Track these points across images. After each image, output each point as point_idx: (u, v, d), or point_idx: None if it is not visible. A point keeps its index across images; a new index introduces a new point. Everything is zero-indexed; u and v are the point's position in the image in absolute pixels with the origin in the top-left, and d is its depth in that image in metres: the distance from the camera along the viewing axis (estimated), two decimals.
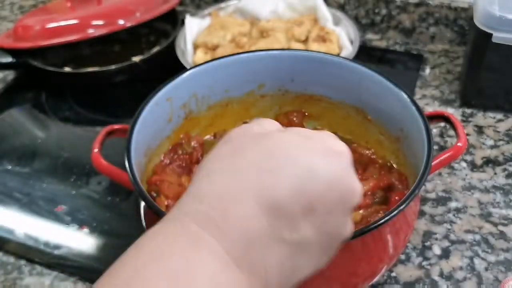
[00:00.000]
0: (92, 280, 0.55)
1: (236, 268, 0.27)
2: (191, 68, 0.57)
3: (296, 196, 0.28)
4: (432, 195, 0.63)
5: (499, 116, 0.74)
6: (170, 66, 0.73)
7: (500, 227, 0.59)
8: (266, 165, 0.29)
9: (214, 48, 0.80)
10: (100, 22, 0.81)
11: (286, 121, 0.63)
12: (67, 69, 0.81)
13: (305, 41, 0.80)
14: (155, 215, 0.43)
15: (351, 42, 0.79)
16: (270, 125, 0.33)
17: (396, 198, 0.52)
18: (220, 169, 0.29)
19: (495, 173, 0.65)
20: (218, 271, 0.26)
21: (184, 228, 0.27)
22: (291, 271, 0.29)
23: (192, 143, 0.59)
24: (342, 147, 0.31)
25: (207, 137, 0.62)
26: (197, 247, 0.26)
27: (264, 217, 0.27)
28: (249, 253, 0.27)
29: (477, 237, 0.58)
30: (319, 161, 0.29)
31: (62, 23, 0.81)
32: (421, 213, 0.60)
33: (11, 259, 0.58)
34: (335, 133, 0.61)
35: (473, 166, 0.66)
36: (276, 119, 0.62)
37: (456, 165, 0.66)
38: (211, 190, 0.29)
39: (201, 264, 0.26)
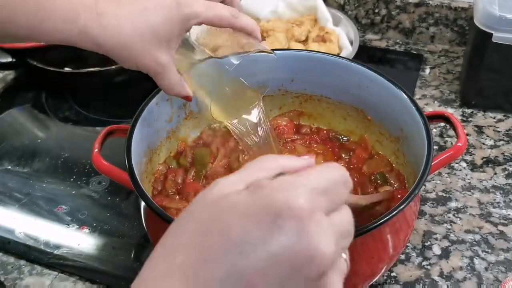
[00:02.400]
0: (92, 280, 0.55)
1: None
2: None
3: (230, 279, 0.24)
4: (432, 195, 0.63)
5: (499, 116, 0.74)
6: None
7: (500, 227, 0.59)
8: (199, 245, 0.26)
9: (214, 48, 0.80)
10: None
11: (287, 120, 0.63)
12: (67, 69, 0.81)
13: (305, 41, 0.80)
14: (155, 215, 0.43)
15: (351, 42, 0.79)
16: (231, 186, 0.28)
17: (399, 196, 0.52)
18: (156, 252, 0.28)
19: (495, 173, 0.65)
20: None
21: None
22: None
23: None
24: (295, 203, 0.25)
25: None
26: None
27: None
28: None
29: (477, 237, 0.58)
30: (258, 232, 0.25)
31: None
32: (421, 213, 0.60)
33: (11, 259, 0.58)
34: (335, 133, 0.62)
35: (473, 166, 0.66)
36: (276, 120, 0.63)
37: (456, 165, 0.66)
38: (146, 276, 0.27)
39: None
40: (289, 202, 0.25)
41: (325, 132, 0.62)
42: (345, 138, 0.62)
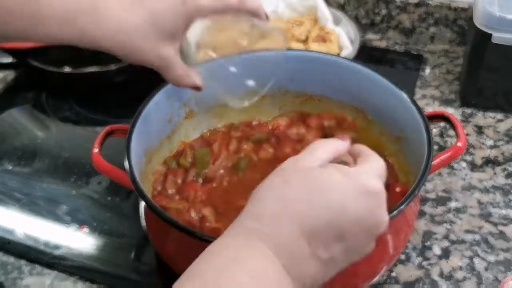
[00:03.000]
0: (92, 280, 0.55)
1: (287, 274, 0.33)
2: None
3: (329, 226, 0.34)
4: (432, 195, 0.63)
5: (499, 116, 0.74)
6: None
7: (500, 227, 0.59)
8: (307, 198, 0.35)
9: (215, 48, 0.80)
10: None
11: (287, 120, 0.63)
12: (67, 69, 0.81)
13: (305, 41, 0.80)
14: (155, 215, 0.43)
15: (351, 42, 0.79)
16: (320, 155, 0.38)
17: (397, 189, 0.52)
18: (271, 197, 0.36)
19: (495, 173, 0.65)
20: (271, 271, 0.33)
21: (245, 239, 0.34)
22: (321, 279, 0.36)
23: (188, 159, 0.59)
24: (376, 187, 0.36)
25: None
26: (265, 257, 0.33)
27: (304, 239, 0.34)
28: (293, 264, 0.34)
29: (477, 237, 0.58)
30: (351, 201, 0.35)
31: None
32: (421, 213, 0.60)
33: (11, 259, 0.58)
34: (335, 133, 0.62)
35: (473, 166, 0.66)
36: (276, 120, 0.63)
37: (456, 165, 0.66)
38: (264, 213, 0.35)
39: (267, 270, 0.33)
40: (373, 185, 0.36)
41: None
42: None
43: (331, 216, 0.35)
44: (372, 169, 0.38)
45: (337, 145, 0.40)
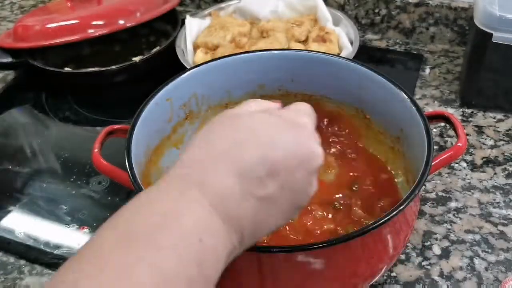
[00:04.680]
0: None
1: (217, 217, 0.32)
2: (191, 68, 0.57)
3: (260, 162, 0.34)
4: (432, 195, 0.63)
5: (499, 116, 0.74)
6: (170, 66, 0.73)
7: (500, 227, 0.59)
8: (234, 139, 0.35)
9: (214, 48, 0.80)
10: (100, 22, 0.81)
11: None
12: (67, 69, 0.81)
13: (305, 41, 0.80)
14: None
15: (351, 42, 0.79)
16: (250, 107, 0.39)
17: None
18: (198, 144, 0.36)
19: (495, 173, 0.65)
20: (203, 217, 0.32)
21: (174, 185, 0.34)
22: (263, 221, 0.35)
23: None
24: (303, 121, 0.37)
25: None
26: (186, 197, 0.33)
27: (234, 177, 0.33)
28: (226, 207, 0.33)
29: (477, 237, 0.58)
30: (279, 134, 0.35)
31: (62, 23, 0.81)
32: (421, 213, 0.60)
33: (11, 259, 0.58)
34: (335, 132, 0.62)
35: (473, 166, 0.66)
36: None
37: (456, 165, 0.66)
38: (193, 159, 0.35)
39: (189, 209, 0.32)
40: (298, 118, 0.37)
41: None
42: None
43: (260, 151, 0.34)
44: (298, 110, 0.39)
45: (268, 102, 0.41)
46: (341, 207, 0.54)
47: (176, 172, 0.35)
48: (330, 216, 0.53)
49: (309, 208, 0.53)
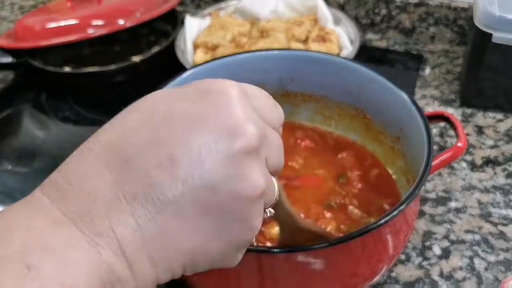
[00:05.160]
0: None
1: (73, 227, 0.23)
2: (191, 68, 0.57)
3: (149, 146, 0.24)
4: (432, 195, 0.63)
5: (499, 116, 0.74)
6: (170, 66, 0.73)
7: (500, 227, 0.59)
8: (122, 124, 0.26)
9: (214, 48, 0.80)
10: (100, 22, 0.81)
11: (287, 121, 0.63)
12: (67, 69, 0.81)
13: (305, 41, 0.80)
14: None
15: (351, 42, 0.79)
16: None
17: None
18: (87, 142, 0.27)
19: (495, 173, 0.65)
20: (45, 227, 0.23)
21: (31, 196, 0.26)
22: (162, 237, 0.24)
23: None
24: (223, 85, 0.26)
25: None
26: (29, 208, 0.25)
27: (109, 173, 0.24)
28: (91, 213, 0.24)
29: (477, 237, 0.58)
30: (179, 106, 0.25)
31: (62, 23, 0.81)
32: (421, 213, 0.60)
33: None
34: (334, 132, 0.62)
35: (473, 166, 0.66)
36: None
37: (456, 165, 0.66)
38: (69, 158, 0.27)
39: (25, 223, 0.23)
40: (216, 84, 0.26)
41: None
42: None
43: (150, 131, 0.25)
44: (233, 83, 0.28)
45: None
46: (337, 207, 0.54)
47: (44, 181, 0.27)
48: (328, 215, 0.53)
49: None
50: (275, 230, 0.51)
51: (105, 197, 0.24)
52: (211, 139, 0.24)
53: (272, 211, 0.31)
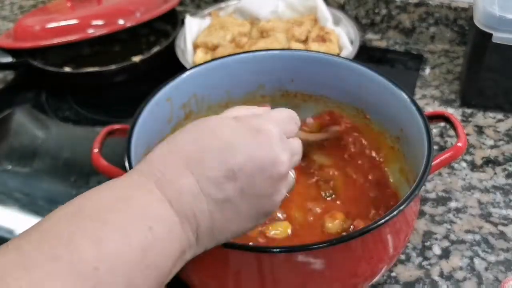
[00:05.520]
0: None
1: (171, 210, 0.33)
2: (191, 68, 0.57)
3: (219, 165, 0.34)
4: (432, 195, 0.63)
5: (499, 116, 0.74)
6: (170, 66, 0.73)
7: (500, 227, 0.59)
8: (194, 138, 0.36)
9: (214, 48, 0.80)
10: (100, 22, 0.81)
11: None
12: (67, 69, 0.81)
13: (305, 41, 0.80)
14: None
15: (351, 42, 0.79)
16: (235, 112, 0.40)
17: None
18: (164, 144, 0.37)
19: (495, 173, 0.65)
20: (156, 206, 0.33)
21: (133, 178, 0.34)
22: (222, 224, 0.35)
23: None
24: (266, 127, 0.37)
25: None
26: (142, 188, 0.33)
27: (193, 179, 0.34)
28: (182, 203, 0.33)
29: (477, 237, 0.58)
30: (240, 137, 0.36)
31: (62, 23, 0.81)
32: (421, 213, 0.60)
33: None
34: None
35: (473, 166, 0.66)
36: None
37: (456, 165, 0.66)
38: (155, 156, 0.36)
39: (142, 197, 0.33)
40: (263, 125, 0.37)
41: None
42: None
43: (218, 152, 0.35)
44: (268, 117, 0.39)
45: (255, 107, 0.41)
46: (331, 198, 0.55)
47: (138, 168, 0.35)
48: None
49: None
50: (278, 230, 0.51)
51: (192, 194, 0.34)
52: (261, 165, 0.36)
53: (287, 195, 0.39)
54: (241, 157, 0.35)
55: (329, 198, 0.55)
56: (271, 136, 0.37)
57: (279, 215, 0.52)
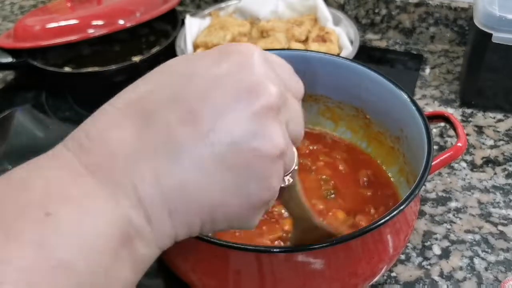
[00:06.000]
0: None
1: (94, 179, 0.24)
2: None
3: (171, 102, 0.24)
4: (432, 195, 0.63)
5: (499, 116, 0.74)
6: None
7: (500, 227, 0.59)
8: (137, 87, 0.27)
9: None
10: (100, 22, 0.81)
11: None
12: (67, 69, 0.81)
13: (305, 41, 0.80)
14: None
15: (351, 42, 0.79)
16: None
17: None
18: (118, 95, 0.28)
19: (495, 173, 0.65)
20: (65, 178, 0.24)
21: (53, 151, 0.26)
22: (181, 190, 0.25)
23: None
24: (242, 47, 0.27)
25: None
26: (51, 160, 0.25)
27: (131, 127, 0.24)
28: (111, 166, 0.24)
29: (477, 237, 0.58)
30: (201, 64, 0.26)
31: (62, 23, 0.81)
32: (421, 213, 0.60)
33: None
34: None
35: (473, 166, 0.66)
36: None
37: (456, 165, 0.66)
38: (85, 121, 0.27)
39: (46, 173, 0.24)
40: (233, 46, 0.27)
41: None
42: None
43: (171, 87, 0.25)
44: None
45: None
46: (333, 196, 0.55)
47: (73, 132, 0.27)
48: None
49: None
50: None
51: (125, 151, 0.24)
52: (233, 96, 0.24)
53: (291, 179, 0.31)
54: (203, 85, 0.25)
55: (332, 196, 0.55)
56: (250, 57, 0.26)
57: (286, 212, 0.52)
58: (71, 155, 0.25)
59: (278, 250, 0.40)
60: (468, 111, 0.75)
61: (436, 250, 0.57)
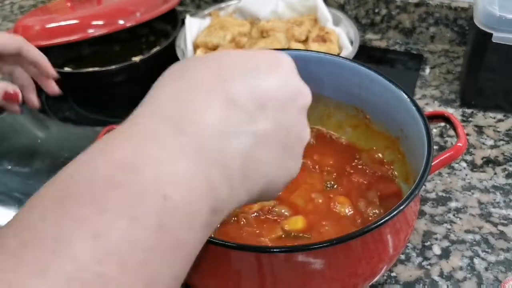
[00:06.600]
0: None
1: (193, 162, 0.26)
2: None
3: (249, 93, 0.30)
4: (432, 195, 0.63)
5: (499, 116, 0.74)
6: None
7: (500, 227, 0.59)
8: (217, 70, 0.30)
9: (214, 48, 0.80)
10: (100, 22, 0.81)
11: None
12: (67, 69, 0.81)
13: (305, 41, 0.80)
14: None
15: (351, 42, 0.79)
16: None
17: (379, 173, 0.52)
18: (172, 79, 0.31)
19: (495, 173, 0.65)
20: (166, 161, 0.26)
21: (139, 125, 0.28)
22: (255, 166, 0.30)
23: None
24: (284, 56, 0.33)
25: None
26: (152, 140, 0.26)
27: (220, 110, 0.28)
28: (206, 144, 0.27)
29: (477, 237, 0.58)
30: (265, 66, 0.32)
31: (62, 23, 0.81)
32: (421, 213, 0.60)
33: None
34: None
35: (473, 166, 0.66)
36: None
37: (456, 165, 0.66)
38: (165, 95, 0.30)
39: (150, 156, 0.26)
40: (277, 55, 0.33)
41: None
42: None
43: (248, 82, 0.30)
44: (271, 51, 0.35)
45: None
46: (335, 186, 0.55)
47: (145, 110, 0.29)
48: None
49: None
50: (296, 223, 0.51)
51: (220, 132, 0.28)
52: (290, 94, 0.32)
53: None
54: (270, 85, 0.31)
55: (334, 187, 0.55)
56: (292, 66, 0.33)
57: (286, 212, 0.52)
58: (168, 132, 0.27)
59: (278, 250, 0.40)
60: (468, 111, 0.75)
61: (436, 250, 0.57)
